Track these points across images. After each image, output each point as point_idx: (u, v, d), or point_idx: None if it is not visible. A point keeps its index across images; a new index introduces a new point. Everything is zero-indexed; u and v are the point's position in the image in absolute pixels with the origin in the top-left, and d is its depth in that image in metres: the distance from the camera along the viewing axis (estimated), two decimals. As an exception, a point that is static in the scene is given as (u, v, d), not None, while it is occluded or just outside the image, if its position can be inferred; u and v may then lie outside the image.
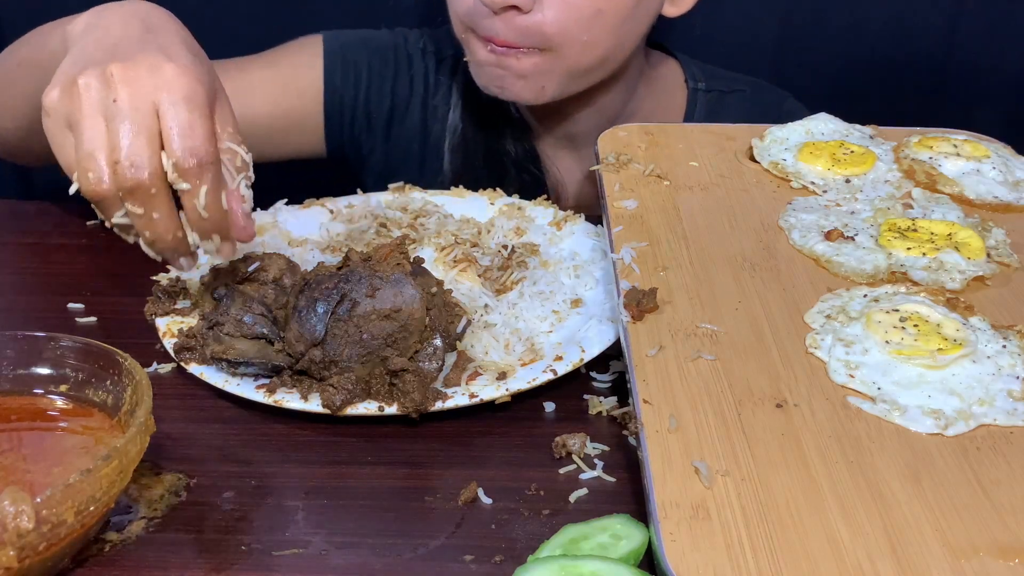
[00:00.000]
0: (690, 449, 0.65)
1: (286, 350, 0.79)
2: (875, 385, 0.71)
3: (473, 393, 0.77)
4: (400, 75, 1.22)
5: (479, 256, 0.93)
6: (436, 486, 0.72)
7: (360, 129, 1.22)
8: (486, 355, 0.82)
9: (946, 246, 0.84)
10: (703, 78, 1.24)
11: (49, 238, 1.08)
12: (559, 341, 0.84)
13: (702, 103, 1.23)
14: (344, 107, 1.21)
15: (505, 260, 0.93)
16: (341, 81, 1.20)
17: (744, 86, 1.25)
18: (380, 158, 1.24)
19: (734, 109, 1.23)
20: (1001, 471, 0.65)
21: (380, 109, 1.22)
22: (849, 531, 0.60)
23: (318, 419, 0.78)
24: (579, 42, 1.04)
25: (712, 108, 1.22)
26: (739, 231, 0.88)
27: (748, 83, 1.26)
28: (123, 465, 0.62)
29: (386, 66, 1.22)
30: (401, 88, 1.22)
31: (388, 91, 1.22)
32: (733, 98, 1.23)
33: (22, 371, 0.73)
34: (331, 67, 1.19)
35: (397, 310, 0.77)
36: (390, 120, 1.23)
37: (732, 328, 0.76)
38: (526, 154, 1.21)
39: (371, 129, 1.23)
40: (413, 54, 1.23)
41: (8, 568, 0.57)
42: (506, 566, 0.64)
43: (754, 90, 1.25)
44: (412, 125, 1.23)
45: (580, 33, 1.03)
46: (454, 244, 0.94)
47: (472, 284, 0.90)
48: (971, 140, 1.00)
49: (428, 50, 1.23)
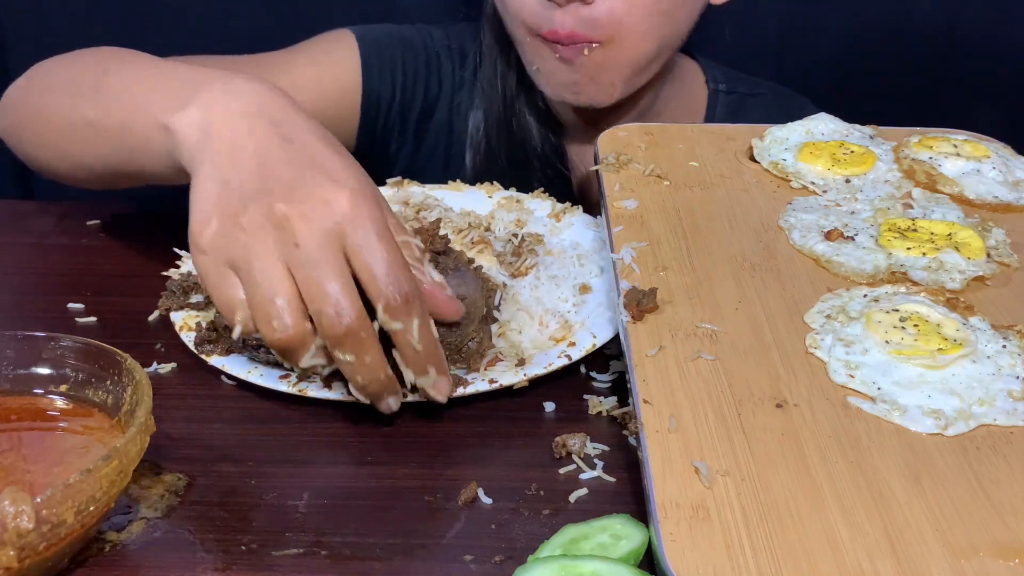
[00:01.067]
0: (690, 449, 0.65)
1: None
2: (875, 385, 0.71)
3: (493, 379, 0.78)
4: (431, 73, 1.22)
5: (492, 241, 0.94)
6: (436, 486, 0.72)
7: (392, 128, 1.22)
8: (520, 333, 0.84)
9: (946, 246, 0.84)
10: (724, 80, 1.25)
11: (49, 238, 1.08)
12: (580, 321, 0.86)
13: (723, 104, 1.24)
14: (380, 106, 1.20)
15: (516, 247, 0.94)
16: (378, 80, 1.19)
17: (765, 90, 1.26)
18: (407, 156, 1.24)
19: (754, 112, 1.23)
20: (1001, 471, 0.65)
21: (414, 106, 1.22)
22: (849, 531, 0.60)
23: (318, 419, 0.78)
24: (637, 32, 1.05)
25: (732, 110, 1.23)
26: (739, 231, 0.88)
27: (769, 88, 1.27)
28: (123, 465, 0.62)
29: (418, 64, 1.22)
30: (432, 86, 1.22)
31: (421, 90, 1.22)
32: (754, 101, 1.24)
33: (22, 371, 0.73)
34: (368, 65, 1.18)
35: (462, 299, 0.79)
36: (420, 118, 1.23)
37: (732, 328, 0.76)
38: (553, 151, 1.21)
39: (404, 128, 1.23)
40: (440, 52, 1.23)
41: (8, 568, 0.57)
42: (506, 566, 0.64)
43: (775, 95, 1.26)
44: (439, 124, 1.24)
45: (640, 22, 1.04)
46: (469, 228, 0.95)
47: (491, 264, 0.91)
48: (971, 140, 1.00)
49: (453, 47, 1.24)
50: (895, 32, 1.49)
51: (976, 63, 1.50)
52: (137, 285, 0.96)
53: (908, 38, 1.49)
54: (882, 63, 1.51)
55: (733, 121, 1.21)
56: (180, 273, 0.91)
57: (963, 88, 1.51)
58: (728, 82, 1.25)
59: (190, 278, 0.89)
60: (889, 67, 1.51)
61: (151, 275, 0.95)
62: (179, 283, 0.89)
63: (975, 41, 1.48)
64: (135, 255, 1.04)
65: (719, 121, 1.22)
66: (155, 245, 1.04)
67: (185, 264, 0.94)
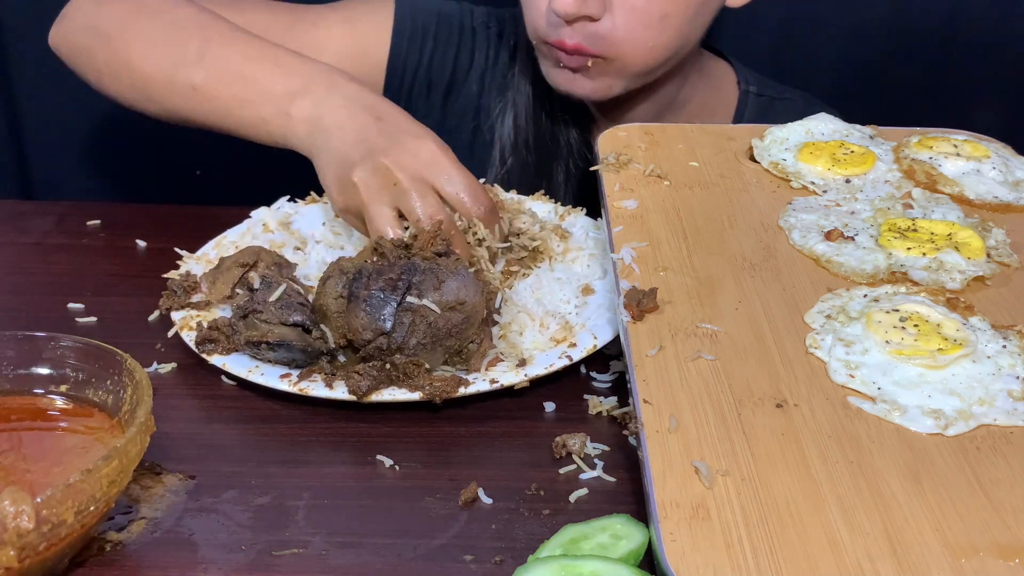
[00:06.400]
0: (690, 449, 0.65)
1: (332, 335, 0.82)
2: (875, 385, 0.71)
3: (494, 379, 0.78)
4: (464, 47, 1.24)
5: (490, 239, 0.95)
6: (436, 486, 0.72)
7: (419, 95, 1.24)
8: (520, 335, 0.84)
9: (946, 246, 0.84)
10: (755, 83, 1.26)
11: (49, 238, 1.08)
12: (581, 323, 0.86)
13: (752, 105, 1.25)
14: (407, 71, 1.22)
15: (520, 248, 0.94)
16: (408, 45, 1.21)
17: (795, 96, 1.27)
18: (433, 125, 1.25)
19: (783, 117, 1.23)
20: (1001, 471, 0.65)
21: (441, 77, 1.24)
22: (849, 531, 0.60)
23: (318, 419, 0.78)
24: (645, 47, 1.07)
25: (762, 112, 1.24)
26: (739, 231, 0.88)
27: (799, 95, 1.28)
28: (123, 465, 0.62)
29: (451, 35, 1.23)
30: (463, 59, 1.24)
31: (451, 60, 1.23)
32: (783, 105, 1.26)
33: (22, 371, 0.73)
34: (399, 30, 1.20)
35: (462, 303, 0.80)
36: (448, 90, 1.25)
37: (732, 328, 0.76)
38: (581, 142, 1.22)
39: (430, 96, 1.24)
40: (478, 28, 1.25)
41: (8, 568, 0.57)
42: (506, 566, 0.64)
43: (805, 101, 1.26)
44: (469, 98, 1.25)
45: (647, 39, 1.06)
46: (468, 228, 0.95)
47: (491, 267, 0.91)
48: (971, 140, 1.00)
49: (491, 27, 1.25)
50: (895, 32, 1.49)
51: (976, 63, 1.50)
52: (137, 285, 0.96)
53: (908, 38, 1.48)
54: (882, 63, 1.51)
55: (762, 122, 1.21)
56: (180, 273, 0.91)
57: (963, 88, 1.51)
58: (759, 85, 1.27)
59: (190, 278, 0.89)
60: (889, 67, 1.51)
61: (151, 275, 0.95)
62: (179, 283, 0.89)
63: (975, 41, 1.48)
64: (135, 255, 1.05)
65: (748, 120, 1.24)
66: (155, 245, 1.05)
67: (185, 264, 0.94)
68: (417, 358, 0.79)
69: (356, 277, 0.81)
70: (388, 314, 0.79)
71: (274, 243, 0.96)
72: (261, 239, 0.97)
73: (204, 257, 0.96)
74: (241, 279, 0.88)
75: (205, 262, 0.94)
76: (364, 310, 0.79)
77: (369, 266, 0.83)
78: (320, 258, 0.94)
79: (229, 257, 0.89)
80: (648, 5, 1.04)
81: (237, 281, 0.88)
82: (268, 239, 0.97)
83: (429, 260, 0.83)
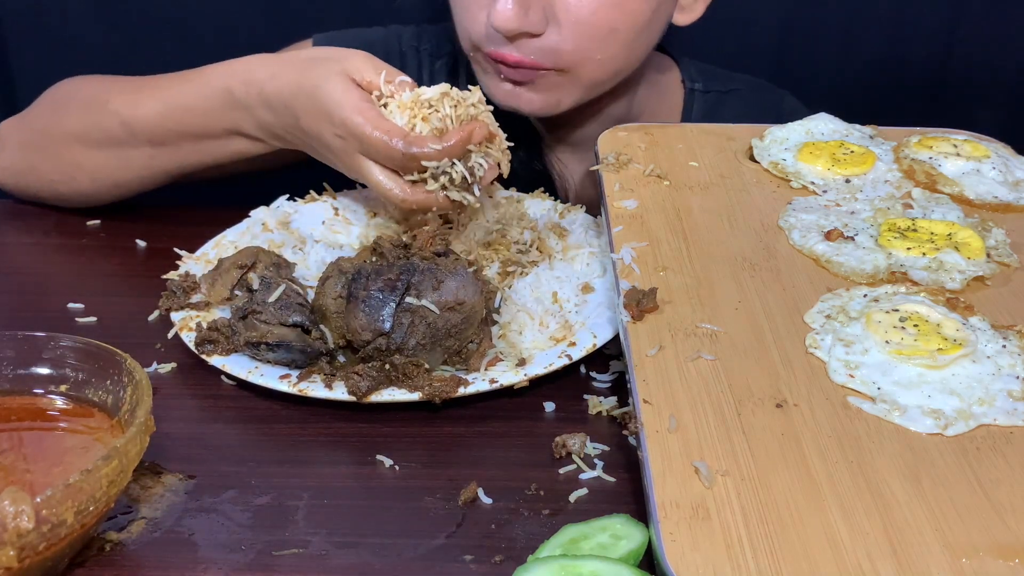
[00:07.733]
0: (690, 449, 0.65)
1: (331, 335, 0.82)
2: (875, 385, 0.71)
3: (493, 379, 0.78)
4: None
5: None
6: (436, 486, 0.72)
7: None
8: (520, 334, 0.84)
9: (946, 246, 0.84)
10: (700, 78, 1.23)
11: (49, 238, 1.08)
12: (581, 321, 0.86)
13: (699, 103, 1.22)
14: None
15: (520, 247, 0.94)
16: None
17: (741, 85, 1.24)
18: None
19: (733, 109, 1.22)
20: (1001, 471, 0.65)
21: None
22: (849, 531, 0.60)
23: (318, 419, 0.78)
24: (594, 60, 1.03)
25: (710, 108, 1.22)
26: (739, 231, 0.88)
27: (745, 82, 1.25)
28: (123, 465, 0.62)
29: None
30: None
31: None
32: (731, 98, 1.23)
33: (22, 371, 0.73)
34: None
35: (461, 303, 0.80)
36: None
37: (732, 328, 0.76)
38: (530, 156, 1.20)
39: None
40: (406, 51, 1.22)
41: (8, 568, 0.57)
42: (506, 566, 0.64)
43: (751, 89, 1.25)
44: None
45: (595, 52, 1.03)
46: None
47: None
48: (971, 140, 1.00)
49: (423, 48, 1.22)
50: (895, 33, 1.49)
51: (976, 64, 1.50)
52: (137, 285, 0.96)
53: (908, 39, 1.49)
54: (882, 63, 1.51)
55: (712, 119, 1.19)
56: (180, 273, 0.91)
57: (963, 88, 1.51)
58: (704, 80, 1.23)
59: (189, 278, 0.89)
60: (889, 67, 1.51)
61: (151, 275, 0.94)
62: (179, 283, 0.89)
63: (975, 41, 1.49)
64: (135, 255, 1.04)
65: (696, 119, 1.21)
66: (155, 245, 1.05)
67: (184, 264, 0.94)
68: (416, 358, 0.79)
69: (355, 277, 0.82)
70: (387, 315, 0.79)
71: (273, 243, 0.96)
72: (260, 239, 0.97)
73: (203, 257, 0.96)
74: (240, 280, 0.88)
75: (204, 262, 0.94)
76: (363, 311, 0.79)
77: (368, 266, 0.83)
78: (319, 258, 0.94)
79: (228, 258, 0.89)
80: (595, 18, 1.00)
81: (236, 282, 0.88)
82: (267, 239, 0.97)
83: (428, 260, 0.83)
